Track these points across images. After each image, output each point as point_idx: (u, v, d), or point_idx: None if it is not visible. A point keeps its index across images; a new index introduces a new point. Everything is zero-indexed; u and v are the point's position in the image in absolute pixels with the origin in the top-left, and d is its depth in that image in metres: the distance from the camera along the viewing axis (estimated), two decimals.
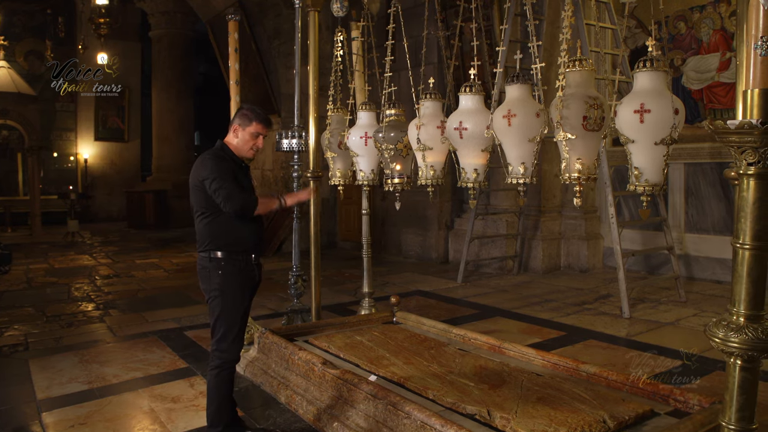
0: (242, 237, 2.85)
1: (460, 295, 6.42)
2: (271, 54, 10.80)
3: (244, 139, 2.91)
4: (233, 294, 2.83)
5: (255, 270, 2.93)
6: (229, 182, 2.76)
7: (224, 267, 2.81)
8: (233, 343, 2.84)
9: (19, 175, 15.10)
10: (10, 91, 12.39)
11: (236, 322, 2.84)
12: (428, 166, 3.27)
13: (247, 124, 2.91)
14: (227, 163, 2.85)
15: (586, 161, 2.53)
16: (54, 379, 3.91)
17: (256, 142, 2.93)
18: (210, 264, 2.82)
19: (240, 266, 2.84)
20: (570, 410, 2.61)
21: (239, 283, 2.84)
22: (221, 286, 2.81)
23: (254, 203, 2.81)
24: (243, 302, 2.88)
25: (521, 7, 6.41)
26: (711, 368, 3.81)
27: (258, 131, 2.92)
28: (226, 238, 2.82)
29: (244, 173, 2.97)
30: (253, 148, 2.94)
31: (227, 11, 5.08)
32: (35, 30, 15.49)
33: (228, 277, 2.81)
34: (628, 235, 7.02)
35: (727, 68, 6.51)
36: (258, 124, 2.92)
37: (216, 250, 2.81)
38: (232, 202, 2.75)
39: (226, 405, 2.89)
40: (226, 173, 2.78)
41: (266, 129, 2.96)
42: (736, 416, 1.56)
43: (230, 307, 2.82)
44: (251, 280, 2.91)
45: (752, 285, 1.51)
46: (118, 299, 6.46)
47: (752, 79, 1.44)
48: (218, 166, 2.80)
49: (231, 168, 2.84)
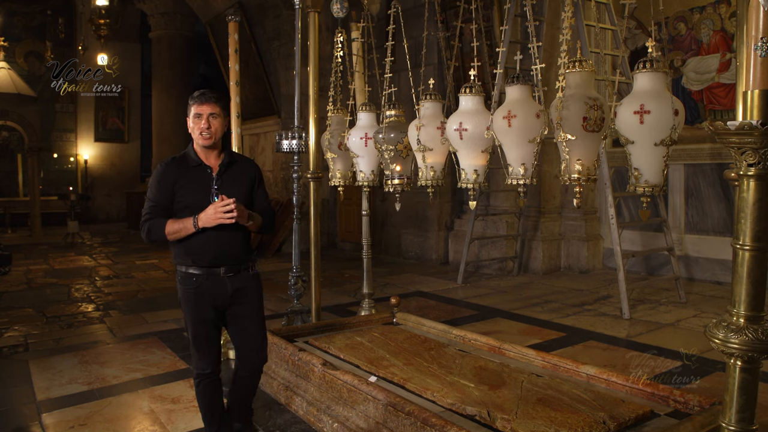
0: (198, 249, 2.57)
1: (460, 296, 6.42)
2: (271, 55, 10.81)
3: (191, 127, 2.61)
4: (190, 309, 2.61)
5: (224, 284, 2.61)
6: (149, 207, 2.58)
7: (180, 281, 2.62)
8: (199, 359, 2.66)
9: (19, 176, 15.13)
10: (10, 92, 12.39)
11: (198, 337, 2.63)
12: (428, 167, 3.27)
13: (188, 110, 2.62)
14: (166, 177, 2.58)
15: (586, 162, 2.53)
16: (54, 380, 3.91)
17: (199, 124, 2.57)
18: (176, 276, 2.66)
19: (198, 281, 2.59)
20: (570, 411, 2.61)
21: (197, 299, 2.59)
22: (180, 301, 2.65)
23: (155, 233, 2.55)
24: (205, 317, 2.61)
25: (521, 8, 6.41)
26: (711, 369, 3.81)
27: (196, 111, 2.58)
28: (179, 250, 2.61)
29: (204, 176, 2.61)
30: (202, 134, 2.57)
31: (227, 12, 5.08)
32: (35, 31, 15.51)
33: (184, 292, 2.62)
34: (628, 236, 7.02)
35: (727, 69, 6.51)
36: (192, 105, 2.59)
37: (177, 264, 2.64)
38: (141, 230, 2.59)
39: (210, 417, 2.74)
40: (156, 192, 2.58)
41: (202, 105, 2.58)
42: (736, 417, 1.55)
43: (190, 322, 2.63)
44: (213, 296, 2.61)
45: (752, 286, 1.51)
46: (118, 300, 6.46)
47: (752, 80, 1.44)
48: (154, 184, 2.60)
49: (168, 184, 2.57)
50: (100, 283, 7.55)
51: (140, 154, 17.30)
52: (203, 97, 2.59)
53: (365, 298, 4.61)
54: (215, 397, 2.73)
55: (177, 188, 2.59)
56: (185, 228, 2.53)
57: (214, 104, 2.59)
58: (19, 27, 15.22)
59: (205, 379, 2.68)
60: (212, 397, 2.72)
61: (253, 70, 11.16)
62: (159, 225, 2.55)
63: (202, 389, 2.69)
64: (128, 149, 17.08)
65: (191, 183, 2.60)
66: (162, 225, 2.55)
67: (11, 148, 14.81)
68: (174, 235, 2.54)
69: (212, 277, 2.60)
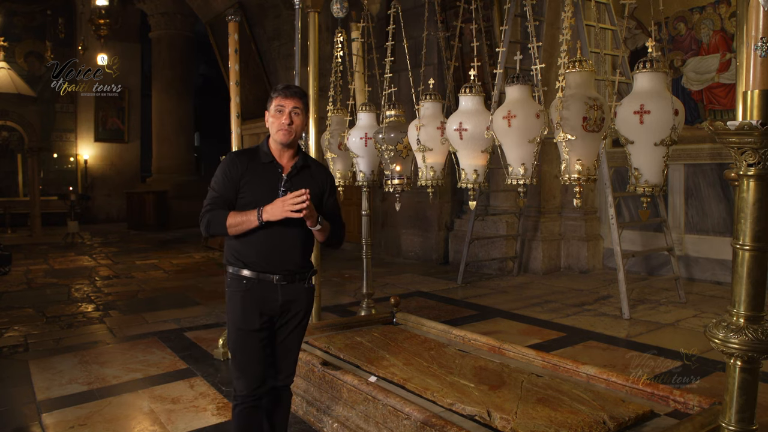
0: (253, 249, 2.37)
1: (459, 296, 6.42)
2: (270, 55, 10.81)
3: (270, 121, 2.42)
4: (235, 315, 2.40)
5: (276, 292, 2.39)
6: (212, 198, 2.39)
7: (229, 283, 2.42)
8: (238, 378, 2.41)
9: (19, 176, 15.12)
10: (10, 92, 12.39)
11: (240, 350, 2.40)
12: (428, 167, 3.28)
13: (270, 103, 2.42)
14: (233, 169, 2.40)
15: (586, 162, 2.53)
16: (54, 380, 3.91)
17: (281, 119, 2.37)
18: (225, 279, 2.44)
19: (248, 284, 2.38)
20: (570, 411, 2.61)
21: (243, 303, 2.38)
22: (226, 307, 2.45)
23: (215, 225, 2.35)
24: (251, 326, 2.37)
25: (521, 8, 6.41)
26: (711, 369, 3.81)
27: (278, 104, 2.38)
28: (232, 248, 2.42)
29: (273, 174, 2.41)
30: (282, 129, 2.37)
31: (227, 12, 5.08)
32: (35, 31, 15.50)
33: (231, 294, 2.42)
34: (628, 236, 7.02)
35: (727, 69, 6.51)
36: (275, 97, 2.40)
37: (228, 264, 2.43)
38: (201, 222, 2.39)
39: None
40: (220, 185, 2.40)
41: (287, 99, 2.38)
42: (736, 417, 1.55)
43: (233, 331, 2.41)
44: (262, 302, 2.38)
45: (752, 286, 1.51)
46: (117, 300, 6.46)
47: (752, 80, 1.44)
48: (219, 175, 2.42)
49: (235, 174, 2.39)
50: (100, 283, 7.55)
51: (140, 154, 17.30)
52: (288, 90, 2.40)
53: (365, 298, 4.61)
54: (252, 423, 2.46)
55: (243, 182, 2.39)
56: (248, 221, 2.31)
57: (299, 99, 2.40)
58: (19, 27, 15.21)
59: (243, 403, 2.41)
60: (248, 424, 2.44)
61: (253, 70, 11.16)
62: (220, 217, 2.34)
63: (239, 413, 2.43)
64: (128, 149, 17.08)
65: (259, 179, 2.40)
66: (223, 217, 2.33)
67: (11, 148, 14.79)
68: (235, 228, 2.33)
69: (263, 283, 2.38)
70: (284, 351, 2.50)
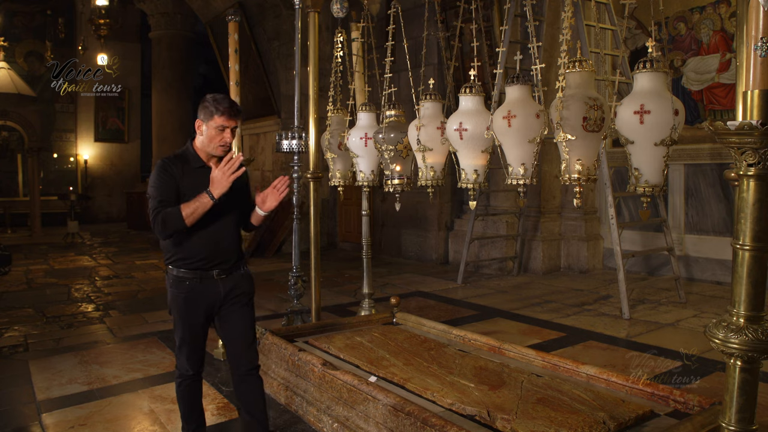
0: (192, 248, 2.55)
1: (459, 296, 6.42)
2: (271, 55, 10.81)
3: (209, 135, 2.53)
4: (181, 314, 2.61)
5: (217, 287, 2.61)
6: (156, 202, 2.47)
7: (171, 283, 2.61)
8: (185, 361, 2.66)
9: (18, 176, 15.12)
10: (10, 92, 12.39)
11: (186, 340, 2.63)
12: (428, 167, 3.27)
13: (209, 117, 2.51)
14: (170, 173, 2.51)
15: (586, 162, 2.53)
16: (54, 380, 3.91)
17: (223, 136, 2.52)
18: (166, 277, 2.65)
19: (190, 285, 2.57)
20: (570, 411, 2.61)
21: (187, 304, 2.59)
22: (169, 303, 2.66)
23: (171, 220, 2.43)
24: (195, 320, 2.61)
25: (521, 8, 6.41)
26: (711, 369, 3.81)
27: (223, 124, 2.50)
28: (171, 248, 2.58)
29: (206, 177, 2.51)
30: (223, 145, 2.54)
31: (227, 12, 5.08)
32: (35, 31, 15.50)
33: (174, 296, 2.61)
34: (628, 236, 7.02)
35: (727, 69, 6.51)
36: (220, 116, 2.49)
37: (168, 264, 2.62)
38: (154, 225, 2.46)
39: (189, 415, 2.77)
40: (161, 189, 2.49)
41: (232, 120, 2.52)
42: (736, 417, 1.55)
43: (179, 325, 2.63)
44: (206, 300, 2.60)
45: (752, 286, 1.51)
46: (117, 300, 6.46)
47: (752, 80, 1.44)
48: (158, 180, 2.50)
49: (173, 179, 2.51)
50: (100, 283, 7.55)
51: (140, 154, 17.29)
52: (233, 110, 2.53)
53: (365, 298, 4.61)
54: (196, 396, 2.79)
55: (183, 185, 2.52)
56: (202, 204, 2.44)
57: (239, 119, 2.58)
58: (19, 27, 15.21)
59: (188, 380, 2.71)
60: (194, 398, 2.78)
61: (253, 70, 11.16)
62: (174, 212, 2.44)
63: (184, 389, 2.73)
64: (128, 149, 17.08)
65: (196, 183, 2.52)
66: (177, 210, 2.44)
67: (11, 148, 14.80)
68: (192, 216, 2.44)
69: (205, 279, 2.59)
70: (236, 335, 2.69)
